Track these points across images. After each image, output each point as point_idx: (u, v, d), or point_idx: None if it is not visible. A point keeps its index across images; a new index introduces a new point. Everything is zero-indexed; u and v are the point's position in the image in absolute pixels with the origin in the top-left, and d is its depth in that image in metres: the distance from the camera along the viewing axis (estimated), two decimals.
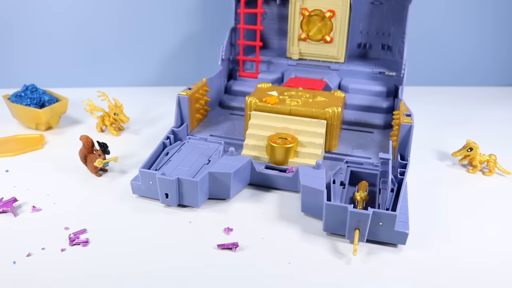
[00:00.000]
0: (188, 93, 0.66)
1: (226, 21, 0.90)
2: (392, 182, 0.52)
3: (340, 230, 0.49)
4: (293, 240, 0.49)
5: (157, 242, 0.48)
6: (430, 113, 0.86)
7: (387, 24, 0.86)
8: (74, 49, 0.96)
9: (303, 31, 0.81)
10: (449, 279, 0.44)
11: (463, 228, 0.52)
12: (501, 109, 0.91)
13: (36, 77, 0.92)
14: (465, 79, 1.05)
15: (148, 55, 0.99)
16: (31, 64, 0.96)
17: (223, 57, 0.81)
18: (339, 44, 0.80)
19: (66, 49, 0.96)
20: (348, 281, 0.44)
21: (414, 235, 0.49)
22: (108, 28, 0.95)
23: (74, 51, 0.96)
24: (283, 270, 0.45)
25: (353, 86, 0.79)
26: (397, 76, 0.79)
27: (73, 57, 0.97)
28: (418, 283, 0.43)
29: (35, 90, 0.75)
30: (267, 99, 0.64)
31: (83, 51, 0.96)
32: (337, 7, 0.77)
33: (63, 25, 0.93)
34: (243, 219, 0.52)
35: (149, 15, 0.95)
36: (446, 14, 0.98)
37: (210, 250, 0.47)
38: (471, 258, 0.47)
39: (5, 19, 0.91)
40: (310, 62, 0.83)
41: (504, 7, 0.98)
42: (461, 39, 1.01)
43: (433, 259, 0.47)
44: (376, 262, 0.46)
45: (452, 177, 0.64)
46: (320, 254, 0.47)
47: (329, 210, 0.48)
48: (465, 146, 0.65)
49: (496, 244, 0.50)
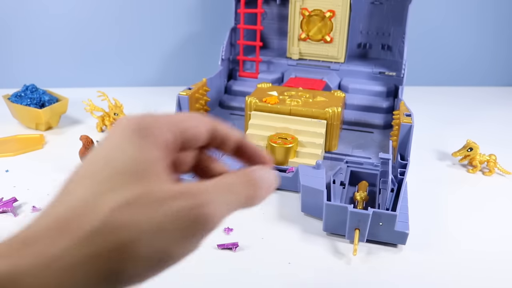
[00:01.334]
0: (188, 93, 0.66)
1: (226, 21, 0.90)
2: (392, 182, 0.52)
3: (340, 230, 0.49)
4: (293, 240, 0.49)
5: None
6: (430, 113, 0.86)
7: (387, 24, 0.86)
8: (74, 49, 0.96)
9: (303, 31, 0.81)
10: (449, 279, 0.44)
11: (463, 228, 0.52)
12: (501, 109, 0.91)
13: (36, 77, 0.92)
14: (465, 79, 1.05)
15: (148, 55, 0.99)
16: (31, 64, 0.96)
17: (223, 57, 0.81)
18: (339, 44, 0.80)
19: (66, 49, 0.96)
20: (348, 281, 0.44)
21: (414, 235, 0.49)
22: (108, 29, 0.95)
23: (74, 51, 0.96)
24: (283, 270, 0.45)
25: (353, 86, 0.79)
26: (397, 76, 0.79)
27: (73, 57, 0.97)
28: (418, 283, 0.43)
29: (35, 90, 0.75)
30: (267, 99, 0.64)
31: (83, 51, 0.96)
32: (337, 7, 0.77)
33: (63, 25, 0.93)
34: (243, 219, 0.52)
35: (149, 15, 0.95)
36: (446, 14, 0.98)
37: (210, 250, 0.47)
38: (471, 258, 0.47)
39: (5, 19, 0.91)
40: (310, 62, 0.83)
41: (504, 7, 0.98)
42: (461, 39, 1.01)
43: (433, 259, 0.47)
44: (376, 262, 0.46)
45: (452, 177, 0.64)
46: (320, 254, 0.47)
47: (329, 210, 0.48)
48: (465, 146, 0.65)
49: (496, 244, 0.50)
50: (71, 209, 0.19)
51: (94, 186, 0.19)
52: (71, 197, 0.19)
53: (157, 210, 0.19)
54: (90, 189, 0.19)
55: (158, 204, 0.19)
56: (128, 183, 0.19)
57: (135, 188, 0.19)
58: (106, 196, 0.19)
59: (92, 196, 0.19)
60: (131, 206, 0.19)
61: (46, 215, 0.19)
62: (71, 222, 0.18)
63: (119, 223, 0.18)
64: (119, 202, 0.19)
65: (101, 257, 0.18)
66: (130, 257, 0.18)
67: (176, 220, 0.19)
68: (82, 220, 0.18)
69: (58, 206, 0.19)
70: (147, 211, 0.19)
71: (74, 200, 0.19)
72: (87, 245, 0.18)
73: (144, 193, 0.19)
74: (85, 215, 0.18)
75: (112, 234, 0.18)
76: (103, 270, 0.18)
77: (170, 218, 0.19)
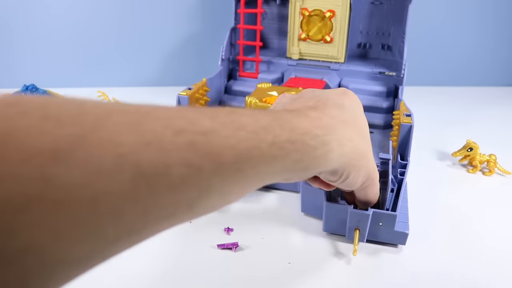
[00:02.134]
0: (188, 93, 0.66)
1: (226, 21, 0.90)
2: (392, 182, 0.52)
3: (340, 230, 0.49)
4: (293, 240, 0.49)
5: (157, 242, 0.48)
6: (430, 113, 0.86)
7: (387, 24, 0.86)
8: (74, 49, 0.96)
9: (303, 31, 0.81)
10: (449, 279, 0.44)
11: (463, 228, 0.52)
12: (501, 109, 0.91)
13: (36, 77, 0.92)
14: (464, 79, 1.05)
15: (148, 55, 0.99)
16: (31, 64, 0.96)
17: (223, 57, 0.81)
18: (339, 44, 0.80)
19: (66, 49, 0.96)
20: (348, 281, 0.44)
21: (414, 235, 0.49)
22: (108, 28, 0.95)
23: (74, 51, 0.96)
24: (283, 270, 0.45)
25: (353, 86, 0.79)
26: (397, 76, 0.79)
27: (73, 57, 0.97)
28: (418, 283, 0.43)
29: (35, 90, 0.75)
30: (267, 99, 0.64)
31: (83, 51, 0.96)
32: (337, 7, 0.77)
33: (63, 25, 0.93)
34: (243, 219, 0.52)
35: (149, 15, 0.95)
36: (446, 14, 0.98)
37: (210, 250, 0.47)
38: (471, 258, 0.47)
39: (5, 19, 0.91)
40: (310, 62, 0.83)
41: (504, 7, 0.98)
42: (461, 39, 1.01)
43: (433, 259, 0.47)
44: (376, 262, 0.46)
45: (452, 177, 0.64)
46: (320, 254, 0.47)
47: (329, 210, 0.48)
48: (465, 146, 0.65)
49: (496, 244, 0.50)
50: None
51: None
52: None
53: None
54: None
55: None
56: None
57: None
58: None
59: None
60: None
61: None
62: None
63: None
64: None
65: None
66: None
67: None
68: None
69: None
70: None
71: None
72: None
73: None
74: None
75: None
76: None
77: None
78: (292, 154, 0.27)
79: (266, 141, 0.26)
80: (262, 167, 0.25)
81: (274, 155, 0.26)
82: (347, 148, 0.33)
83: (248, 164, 0.24)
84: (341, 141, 0.32)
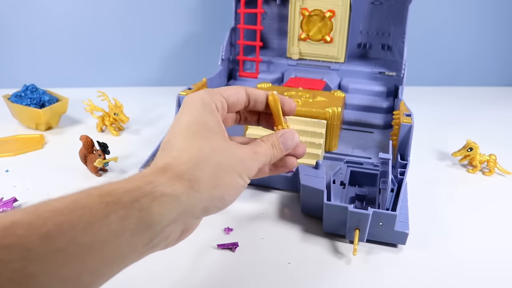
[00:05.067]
0: (188, 93, 0.66)
1: (226, 21, 0.90)
2: (392, 182, 0.52)
3: (340, 230, 0.49)
4: (293, 240, 0.49)
5: None
6: (430, 113, 0.86)
7: (387, 24, 0.86)
8: (74, 49, 0.96)
9: (303, 31, 0.81)
10: (449, 279, 0.44)
11: (463, 228, 0.52)
12: (501, 109, 0.91)
13: (36, 77, 0.92)
14: (465, 79, 1.05)
15: (148, 55, 0.99)
16: (31, 64, 0.96)
17: (223, 57, 0.81)
18: (339, 44, 0.80)
19: (66, 49, 0.96)
20: (348, 281, 0.44)
21: (414, 235, 0.49)
22: (108, 29, 0.95)
23: (74, 51, 0.96)
24: (283, 270, 0.45)
25: (353, 86, 0.79)
26: (397, 76, 0.79)
27: (73, 57, 0.97)
28: (418, 283, 0.43)
29: (35, 90, 0.75)
30: None
31: (83, 51, 0.96)
32: (337, 7, 0.77)
33: (63, 25, 0.93)
34: (243, 219, 0.52)
35: (149, 15, 0.95)
36: (446, 14, 0.98)
37: (210, 250, 0.47)
38: (471, 258, 0.47)
39: (5, 19, 0.91)
40: (310, 62, 0.83)
41: (504, 7, 0.98)
42: (461, 39, 1.01)
43: (433, 259, 0.47)
44: (376, 262, 0.46)
45: (452, 177, 0.64)
46: (320, 254, 0.47)
47: (329, 210, 0.48)
48: (465, 146, 0.65)
49: (496, 244, 0.50)
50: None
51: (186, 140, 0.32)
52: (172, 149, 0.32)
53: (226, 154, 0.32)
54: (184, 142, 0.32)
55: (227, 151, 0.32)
56: (206, 137, 0.32)
57: (212, 140, 0.32)
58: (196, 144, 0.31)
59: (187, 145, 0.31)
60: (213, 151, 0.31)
61: (155, 161, 0.31)
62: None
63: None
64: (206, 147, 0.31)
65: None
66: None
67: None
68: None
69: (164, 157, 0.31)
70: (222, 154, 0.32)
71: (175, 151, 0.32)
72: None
73: (219, 144, 0.32)
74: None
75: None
76: None
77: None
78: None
79: None
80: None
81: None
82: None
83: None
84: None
